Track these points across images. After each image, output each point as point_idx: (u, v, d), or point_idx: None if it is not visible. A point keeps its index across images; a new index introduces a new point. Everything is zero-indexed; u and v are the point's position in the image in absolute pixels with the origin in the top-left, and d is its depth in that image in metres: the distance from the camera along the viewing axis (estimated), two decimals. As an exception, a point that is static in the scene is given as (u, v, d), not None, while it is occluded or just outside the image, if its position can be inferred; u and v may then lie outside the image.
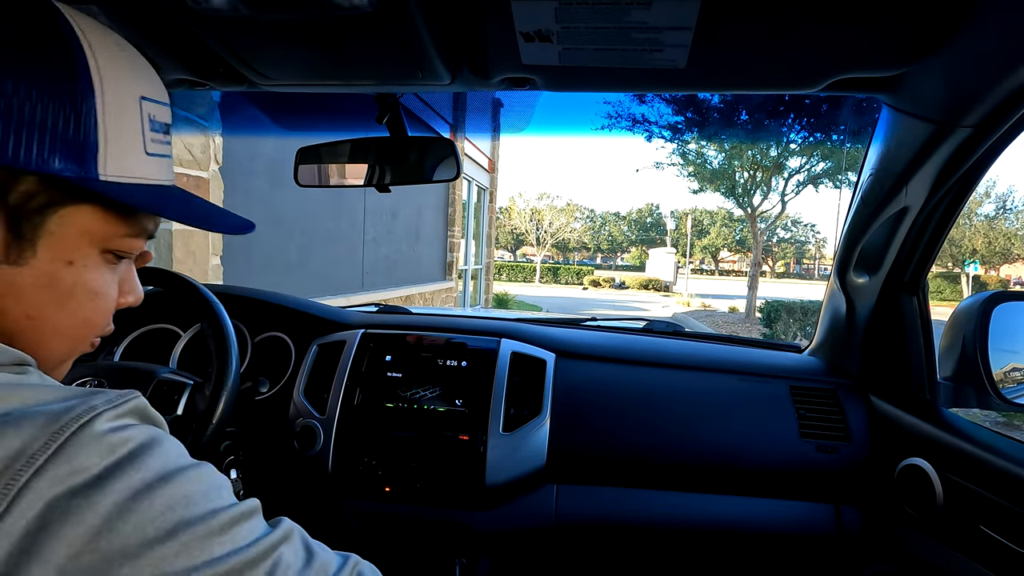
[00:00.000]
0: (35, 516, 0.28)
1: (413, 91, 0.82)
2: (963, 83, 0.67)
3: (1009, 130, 0.71)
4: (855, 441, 1.05)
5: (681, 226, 43.13)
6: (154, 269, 0.93)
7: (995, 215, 28.91)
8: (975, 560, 0.80)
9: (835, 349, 1.17)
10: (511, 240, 44.56)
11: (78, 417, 0.31)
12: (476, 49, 0.67)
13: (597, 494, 1.06)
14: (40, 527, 0.28)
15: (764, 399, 1.10)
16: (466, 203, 9.54)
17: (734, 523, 1.05)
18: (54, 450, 0.30)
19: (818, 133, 10.72)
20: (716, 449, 1.06)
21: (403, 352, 1.14)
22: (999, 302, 0.93)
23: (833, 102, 9.25)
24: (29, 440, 0.30)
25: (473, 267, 10.23)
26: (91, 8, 0.59)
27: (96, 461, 0.31)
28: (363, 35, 0.63)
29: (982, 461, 0.81)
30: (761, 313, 10.75)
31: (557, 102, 7.35)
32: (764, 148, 12.78)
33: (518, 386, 1.09)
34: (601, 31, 0.61)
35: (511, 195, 57.83)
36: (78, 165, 0.37)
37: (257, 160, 3.90)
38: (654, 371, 1.16)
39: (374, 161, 1.03)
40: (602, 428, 1.08)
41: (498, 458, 1.02)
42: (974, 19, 0.59)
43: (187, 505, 0.33)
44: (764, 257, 42.90)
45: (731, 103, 9.58)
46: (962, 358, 0.94)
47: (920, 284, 1.01)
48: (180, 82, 0.78)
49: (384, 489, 1.03)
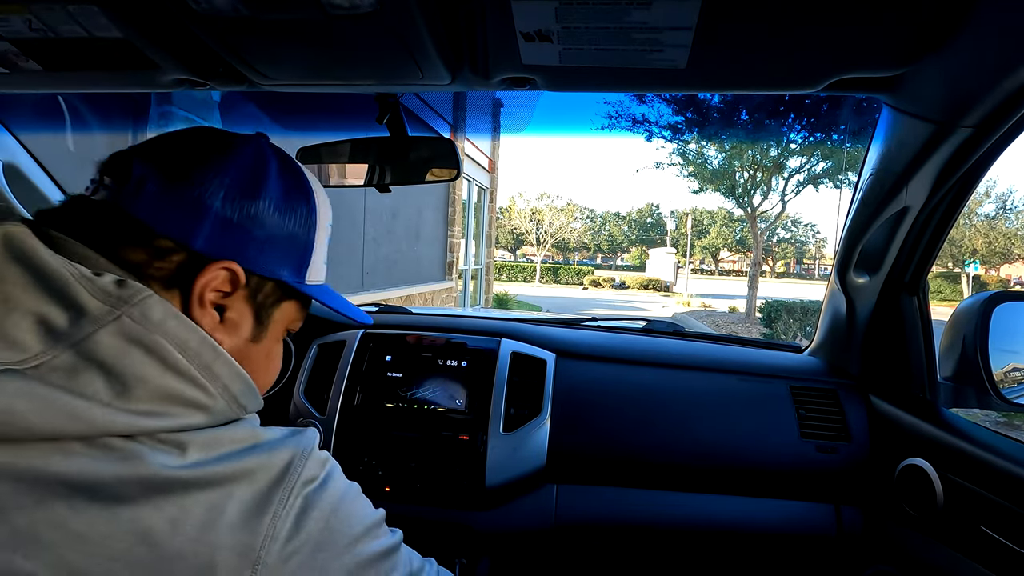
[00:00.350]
0: (299, 505, 0.42)
1: (413, 91, 0.81)
2: (963, 83, 0.67)
3: (1009, 130, 0.71)
4: (855, 441, 1.05)
5: (681, 226, 43.15)
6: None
7: (995, 215, 28.93)
8: (975, 560, 0.80)
9: (835, 349, 1.17)
10: (511, 240, 44.56)
11: (311, 443, 0.46)
12: (476, 49, 0.67)
13: (597, 494, 1.06)
14: (303, 513, 0.42)
15: (764, 399, 1.10)
16: (466, 203, 9.54)
17: (734, 523, 1.05)
18: (305, 463, 0.44)
19: (818, 133, 10.72)
20: (716, 449, 1.06)
21: (403, 352, 1.14)
22: (999, 302, 0.93)
23: (833, 102, 9.25)
24: (292, 458, 0.44)
25: (473, 267, 10.23)
26: (91, 8, 0.59)
27: (318, 472, 0.45)
28: (363, 35, 0.63)
29: (982, 461, 0.81)
30: (761, 313, 10.75)
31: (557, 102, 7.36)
32: (764, 148, 12.78)
33: (518, 386, 1.09)
34: (601, 31, 0.61)
35: (511, 195, 57.93)
36: (296, 275, 0.53)
37: (257, 160, 3.88)
38: (654, 371, 1.16)
39: (374, 161, 1.03)
40: (602, 428, 1.08)
41: (498, 458, 1.02)
42: (974, 19, 0.59)
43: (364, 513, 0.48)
44: (764, 257, 42.92)
45: (731, 103, 9.58)
46: (962, 358, 0.94)
47: (920, 284, 1.01)
48: (180, 82, 0.78)
49: (384, 489, 1.03)
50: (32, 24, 0.61)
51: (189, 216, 0.45)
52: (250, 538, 0.38)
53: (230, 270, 0.47)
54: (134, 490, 0.36)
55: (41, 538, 0.34)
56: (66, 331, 0.38)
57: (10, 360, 0.36)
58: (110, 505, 0.35)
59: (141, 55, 0.68)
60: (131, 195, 0.45)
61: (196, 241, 0.45)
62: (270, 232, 0.49)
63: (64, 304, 0.39)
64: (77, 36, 0.64)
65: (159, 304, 0.41)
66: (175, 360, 0.41)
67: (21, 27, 0.62)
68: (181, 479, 0.38)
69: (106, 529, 0.35)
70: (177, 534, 0.36)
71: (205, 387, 0.42)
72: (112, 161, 0.48)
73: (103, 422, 0.37)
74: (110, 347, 0.38)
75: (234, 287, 0.48)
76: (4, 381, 0.35)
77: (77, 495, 0.35)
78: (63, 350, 0.37)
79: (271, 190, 0.50)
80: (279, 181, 0.51)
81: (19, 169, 1.11)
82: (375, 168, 1.03)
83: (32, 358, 0.37)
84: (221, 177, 0.47)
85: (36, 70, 0.73)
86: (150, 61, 0.70)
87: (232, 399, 0.44)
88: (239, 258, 0.47)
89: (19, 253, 0.40)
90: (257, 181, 0.49)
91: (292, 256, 0.52)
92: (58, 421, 0.35)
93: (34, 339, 0.37)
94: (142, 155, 0.47)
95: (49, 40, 0.65)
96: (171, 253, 0.45)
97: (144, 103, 3.10)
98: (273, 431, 0.45)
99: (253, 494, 0.40)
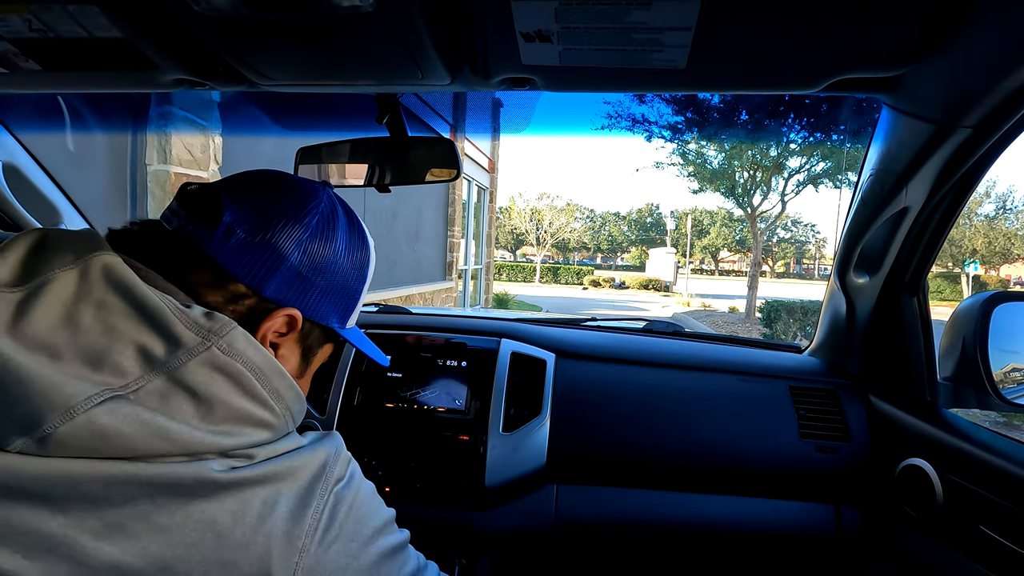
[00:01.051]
0: (332, 502, 0.46)
1: (413, 91, 0.81)
2: (963, 83, 0.67)
3: (1009, 130, 0.71)
4: (855, 441, 1.05)
5: (681, 226, 43.14)
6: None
7: (995, 215, 28.93)
8: (975, 560, 0.80)
9: (835, 349, 1.17)
10: (511, 240, 44.55)
11: (339, 443, 0.51)
12: (476, 49, 0.67)
13: (597, 494, 1.06)
14: (334, 507, 0.46)
15: (764, 399, 1.10)
16: (466, 203, 9.54)
17: (734, 523, 1.05)
18: (337, 462, 0.48)
19: (818, 133, 10.72)
20: (716, 449, 1.06)
21: (403, 352, 1.14)
22: (999, 302, 0.93)
23: (833, 102, 9.25)
24: (327, 458, 0.48)
25: (473, 267, 10.23)
26: (92, 8, 0.59)
27: (346, 469, 0.49)
28: (363, 35, 0.63)
29: (982, 461, 0.81)
30: (761, 313, 10.75)
31: (557, 102, 7.35)
32: (764, 148, 12.78)
33: (518, 386, 1.09)
34: (601, 31, 0.61)
35: (511, 195, 57.90)
36: (340, 323, 0.57)
37: (257, 160, 3.89)
38: (654, 371, 1.16)
39: (374, 161, 1.02)
40: (602, 428, 1.08)
41: (498, 458, 1.02)
42: (974, 19, 0.59)
43: (380, 510, 0.52)
44: (764, 257, 42.92)
45: (731, 103, 9.58)
46: (962, 358, 0.94)
47: (920, 284, 1.01)
48: (180, 82, 0.78)
49: (384, 489, 1.03)
50: (32, 24, 0.61)
51: (267, 267, 0.49)
52: (297, 529, 0.43)
53: (291, 316, 0.51)
54: (206, 489, 0.40)
55: (128, 529, 0.37)
56: (163, 360, 0.41)
57: (116, 385, 0.39)
58: (185, 501, 0.39)
59: (141, 55, 0.68)
60: (219, 240, 0.48)
61: (268, 290, 0.49)
62: (330, 282, 0.54)
63: (162, 334, 0.42)
64: (77, 36, 0.64)
65: (243, 335, 0.45)
66: (252, 386, 0.45)
67: (21, 27, 0.62)
68: (243, 479, 0.42)
69: (181, 520, 0.39)
70: (238, 525, 0.40)
71: (273, 409, 0.46)
72: (198, 198, 0.50)
73: (191, 442, 0.40)
74: (199, 374, 0.42)
75: (290, 329, 0.52)
76: (116, 406, 0.38)
77: (160, 493, 0.39)
78: (157, 376, 0.41)
79: (340, 242, 0.54)
80: (346, 233, 0.55)
81: (19, 169, 1.11)
82: (375, 168, 1.03)
83: (132, 383, 0.40)
84: (300, 231, 0.51)
85: (36, 70, 0.72)
86: (150, 61, 0.70)
87: (291, 418, 0.49)
88: (300, 305, 0.51)
89: (119, 284, 0.43)
90: (329, 235, 0.53)
91: (342, 304, 0.56)
92: (155, 442, 0.39)
93: (135, 366, 0.41)
94: (232, 201, 0.50)
95: (49, 40, 0.65)
96: (244, 298, 0.49)
97: (144, 103, 3.10)
98: (308, 435, 0.50)
99: (298, 490, 0.44)
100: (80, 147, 2.71)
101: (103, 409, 0.38)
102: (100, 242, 0.45)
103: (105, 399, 0.38)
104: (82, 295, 0.42)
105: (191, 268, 0.48)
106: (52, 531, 0.36)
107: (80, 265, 0.43)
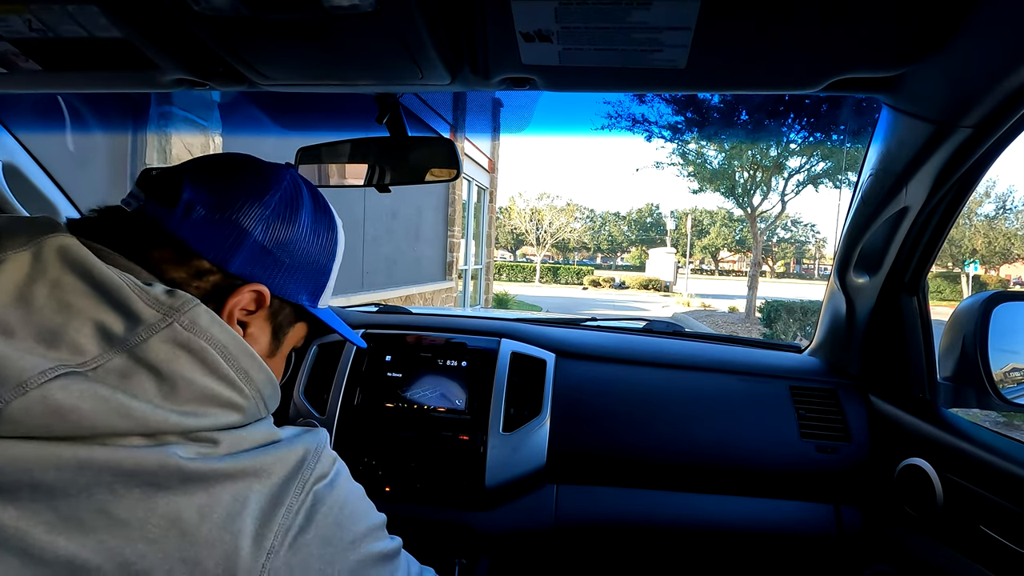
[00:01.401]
0: (310, 501, 0.44)
1: (413, 91, 0.81)
2: (963, 83, 0.67)
3: (1009, 130, 0.71)
4: (855, 441, 1.05)
5: (681, 226, 43.14)
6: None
7: (995, 215, 28.92)
8: (975, 560, 0.80)
9: (835, 349, 1.17)
10: (511, 240, 44.56)
11: (322, 440, 0.49)
12: (476, 49, 0.67)
13: (597, 494, 1.06)
14: (312, 507, 0.44)
15: (764, 399, 1.10)
16: (466, 203, 9.54)
17: (734, 523, 1.05)
18: (318, 460, 0.46)
19: (818, 133, 10.72)
20: (716, 449, 1.06)
21: (403, 352, 1.14)
22: (999, 302, 0.93)
23: (833, 102, 9.25)
24: (305, 454, 0.46)
25: (473, 267, 10.23)
26: (91, 8, 0.59)
27: (329, 469, 0.47)
28: (363, 35, 0.63)
29: (982, 461, 0.81)
30: (761, 313, 10.75)
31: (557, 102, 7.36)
32: (764, 148, 12.78)
33: (518, 386, 1.09)
34: (601, 31, 0.61)
35: (511, 195, 57.90)
36: (312, 301, 0.57)
37: (257, 160, 3.88)
38: (654, 371, 1.16)
39: (374, 161, 1.02)
40: (602, 428, 1.08)
41: (498, 458, 1.02)
42: (974, 19, 0.59)
43: (368, 512, 0.50)
44: (764, 257, 42.92)
45: (731, 103, 9.58)
46: (962, 358, 0.94)
47: (920, 284, 1.01)
48: (180, 82, 0.78)
49: (384, 489, 1.03)
50: (32, 24, 0.61)
51: (230, 242, 0.49)
52: (266, 528, 0.41)
53: (258, 292, 0.50)
54: (171, 480, 0.38)
55: (84, 522, 0.36)
56: (122, 337, 0.40)
57: (73, 362, 0.38)
58: (148, 492, 0.38)
59: (141, 55, 0.68)
60: (179, 217, 0.48)
61: (232, 265, 0.49)
62: (296, 260, 0.53)
63: (121, 312, 0.41)
64: (77, 36, 0.64)
65: (206, 312, 0.44)
66: (217, 364, 0.43)
67: (21, 27, 0.62)
68: (212, 471, 0.40)
69: (144, 514, 0.37)
70: (205, 522, 0.39)
71: (241, 390, 0.45)
72: (157, 180, 0.51)
73: (153, 421, 0.39)
74: (161, 351, 0.41)
75: (258, 307, 0.51)
76: (70, 382, 0.37)
77: (119, 482, 0.37)
78: (117, 354, 0.40)
79: (304, 221, 0.54)
80: (311, 213, 0.55)
81: (19, 169, 1.11)
82: (375, 168, 1.03)
83: (91, 361, 0.39)
84: (262, 209, 0.50)
85: (36, 70, 0.73)
86: (150, 61, 0.70)
87: (262, 401, 0.47)
88: (267, 282, 0.51)
89: (75, 263, 0.42)
90: (293, 212, 0.53)
91: (311, 283, 0.56)
92: (114, 419, 0.38)
93: (93, 344, 0.40)
94: (192, 180, 0.50)
95: (49, 40, 0.65)
96: (208, 274, 0.48)
97: (144, 103, 3.10)
98: (288, 430, 0.48)
99: (271, 487, 0.42)
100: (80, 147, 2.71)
101: (57, 384, 0.36)
102: (56, 226, 0.45)
103: (60, 374, 0.37)
104: (35, 275, 0.41)
105: (153, 246, 0.47)
106: (3, 523, 0.34)
107: (33, 247, 0.42)
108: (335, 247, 0.58)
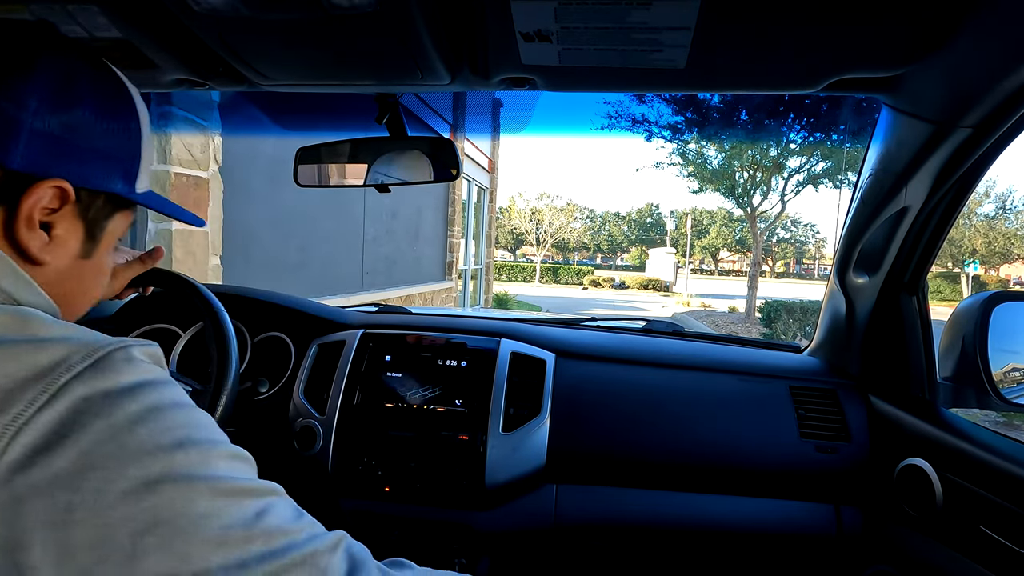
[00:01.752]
0: (67, 410, 0.35)
1: (413, 91, 0.82)
2: (963, 83, 0.67)
3: (1009, 130, 0.71)
4: (855, 441, 1.05)
5: (681, 226, 43.14)
6: (155, 269, 0.93)
7: (995, 215, 28.93)
8: (975, 560, 0.80)
9: (835, 349, 1.17)
10: (511, 240, 44.55)
11: (117, 344, 0.39)
12: (476, 49, 0.68)
13: (597, 494, 1.06)
14: (72, 419, 0.35)
15: (764, 399, 1.10)
16: (466, 203, 9.54)
17: (734, 523, 1.05)
18: (93, 362, 0.37)
19: (818, 133, 10.72)
20: (716, 449, 1.06)
21: (403, 352, 1.14)
22: (999, 302, 0.93)
23: (833, 102, 9.25)
24: (70, 354, 0.37)
25: (473, 267, 10.23)
26: (92, 8, 0.59)
27: (128, 378, 0.38)
28: (363, 35, 0.63)
29: (982, 461, 0.81)
30: (761, 313, 10.75)
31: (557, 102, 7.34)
32: (764, 148, 12.78)
33: (518, 386, 1.09)
34: (601, 31, 0.61)
35: (511, 195, 57.90)
36: (128, 185, 0.51)
37: (257, 160, 3.90)
38: (654, 371, 1.16)
39: (374, 161, 1.03)
40: (602, 428, 1.08)
41: (498, 458, 1.02)
42: (974, 19, 0.59)
43: (196, 428, 0.39)
44: (764, 257, 42.93)
45: (731, 103, 9.57)
46: (962, 358, 0.94)
47: (920, 284, 1.01)
48: (180, 82, 0.78)
49: (384, 489, 1.03)
50: (32, 24, 0.61)
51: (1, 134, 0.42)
52: None
53: (59, 187, 0.44)
54: None
55: None
56: None
57: None
58: None
59: (141, 55, 0.68)
60: None
61: (13, 160, 0.42)
62: (94, 142, 0.47)
63: None
64: (77, 36, 0.64)
65: None
66: None
67: (21, 27, 0.62)
68: None
69: None
70: None
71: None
72: None
73: None
74: None
75: (62, 203, 0.45)
76: None
77: None
78: None
79: (88, 97, 0.47)
80: (96, 87, 0.48)
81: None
82: (375, 168, 1.03)
83: None
84: (30, 88, 0.43)
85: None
86: (150, 61, 0.70)
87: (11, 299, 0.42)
88: (67, 174, 0.45)
89: None
90: (71, 89, 0.46)
91: (120, 166, 0.50)
92: None
93: None
94: None
95: (49, 40, 0.65)
96: None
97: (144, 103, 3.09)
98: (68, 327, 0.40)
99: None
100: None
101: None
102: None
103: None
104: None
105: None
106: None
107: None
108: (136, 118, 0.51)
